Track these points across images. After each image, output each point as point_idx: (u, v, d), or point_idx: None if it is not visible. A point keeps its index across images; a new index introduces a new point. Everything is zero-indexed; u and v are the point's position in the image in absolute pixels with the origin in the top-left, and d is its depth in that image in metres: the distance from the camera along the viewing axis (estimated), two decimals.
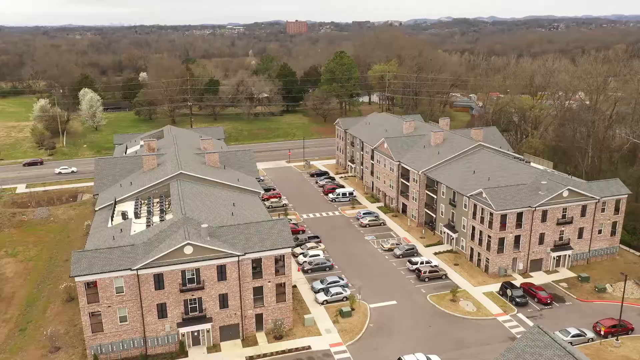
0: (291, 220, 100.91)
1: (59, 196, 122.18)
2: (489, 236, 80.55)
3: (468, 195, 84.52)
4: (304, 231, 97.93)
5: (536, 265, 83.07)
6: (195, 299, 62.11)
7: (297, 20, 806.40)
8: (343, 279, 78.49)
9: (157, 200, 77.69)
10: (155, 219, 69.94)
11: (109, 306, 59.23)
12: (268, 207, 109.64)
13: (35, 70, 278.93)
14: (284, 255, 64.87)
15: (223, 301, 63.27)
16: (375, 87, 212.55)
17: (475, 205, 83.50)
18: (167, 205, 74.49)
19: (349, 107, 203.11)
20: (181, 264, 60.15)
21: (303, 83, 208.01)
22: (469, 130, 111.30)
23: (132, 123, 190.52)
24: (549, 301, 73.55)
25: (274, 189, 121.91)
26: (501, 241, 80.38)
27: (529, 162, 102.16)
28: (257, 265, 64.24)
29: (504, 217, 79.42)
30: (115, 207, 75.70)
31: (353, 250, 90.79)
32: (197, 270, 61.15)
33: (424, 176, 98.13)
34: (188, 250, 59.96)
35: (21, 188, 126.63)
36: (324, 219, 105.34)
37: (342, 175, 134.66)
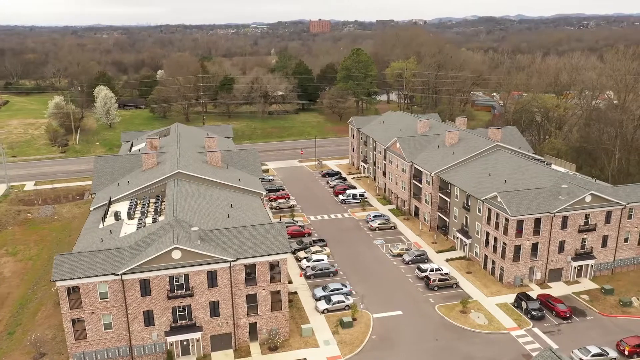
0: (297, 222, 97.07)
1: (65, 194, 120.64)
2: (504, 243, 75.25)
3: (482, 199, 79.30)
4: (309, 234, 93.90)
5: (555, 275, 77.42)
6: (184, 306, 58.63)
7: (320, 20, 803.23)
8: (346, 286, 74.19)
9: (154, 200, 74.57)
10: (148, 220, 66.76)
11: (93, 312, 56.15)
12: (275, 208, 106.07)
13: (57, 69, 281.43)
14: (279, 262, 60.88)
15: (214, 309, 59.65)
16: (393, 86, 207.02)
17: (489, 210, 78.25)
18: (162, 206, 71.24)
19: (365, 106, 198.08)
20: (169, 269, 56.72)
21: (319, 81, 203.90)
22: (486, 130, 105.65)
23: (146, 121, 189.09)
24: (568, 315, 68.00)
25: (282, 189, 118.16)
26: (517, 249, 75.02)
27: (550, 164, 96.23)
28: (251, 271, 60.47)
29: (520, 223, 74.03)
30: (109, 207, 72.87)
31: (360, 255, 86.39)
32: (186, 276, 57.65)
33: (437, 178, 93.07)
34: (176, 254, 56.50)
35: (30, 185, 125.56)
36: (332, 221, 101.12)
37: (355, 175, 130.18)
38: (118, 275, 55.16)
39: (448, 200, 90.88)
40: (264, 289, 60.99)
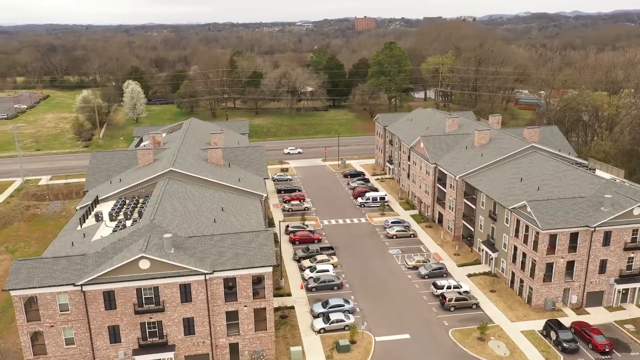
0: (307, 226, 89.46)
1: (78, 190, 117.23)
2: (534, 260, 65.08)
3: (510, 207, 69.25)
4: (319, 240, 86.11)
5: (595, 299, 66.58)
6: (154, 323, 52.09)
7: (365, 17, 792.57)
8: (349, 302, 65.96)
9: (142, 200, 68.66)
10: (129, 222, 60.74)
11: (52, 326, 50.44)
12: (287, 210, 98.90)
13: (98, 64, 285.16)
14: (264, 276, 53.44)
15: (188, 326, 52.85)
16: (429, 82, 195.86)
17: (518, 221, 68.17)
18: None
19: (399, 103, 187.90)
20: (136, 280, 50.27)
21: (352, 76, 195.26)
22: (522, 129, 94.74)
23: (173, 116, 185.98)
24: (607, 349, 57.44)
25: (299, 190, 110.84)
26: (549, 267, 64.74)
27: (594, 170, 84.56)
28: (232, 285, 53.34)
29: (553, 238, 63.75)
30: (94, 206, 67.52)
31: (371, 266, 77.91)
32: (156, 288, 51.07)
33: (462, 182, 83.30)
34: (144, 264, 49.99)
35: (45, 180, 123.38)
36: (346, 227, 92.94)
37: (379, 176, 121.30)
38: (78, 285, 49.12)
39: (474, 207, 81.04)
40: (245, 306, 53.72)
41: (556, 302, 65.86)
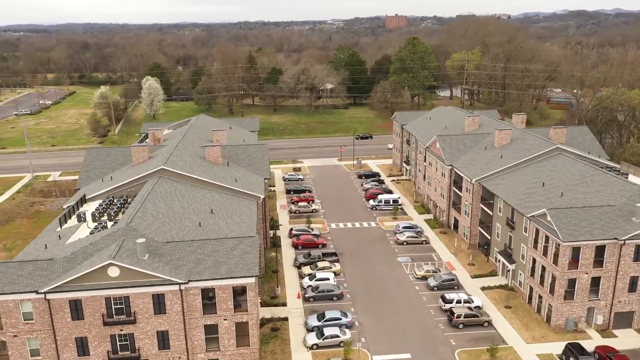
0: (312, 230, 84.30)
1: None
2: (554, 275, 58.33)
3: (528, 215, 62.55)
4: (324, 244, 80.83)
5: (623, 320, 59.37)
6: (125, 335, 47.82)
7: (397, 15, 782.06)
8: (347, 316, 60.50)
9: (131, 200, 64.74)
10: (110, 224, 56.76)
11: (16, 336, 46.67)
12: (294, 212, 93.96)
13: (124, 61, 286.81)
14: (245, 287, 48.57)
15: (163, 340, 48.40)
16: (454, 79, 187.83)
17: (537, 231, 61.44)
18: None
19: (422, 101, 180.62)
20: (105, 289, 46.06)
21: (374, 73, 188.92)
22: (548, 129, 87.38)
23: (191, 112, 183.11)
24: None
25: (309, 191, 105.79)
26: (571, 283, 57.92)
27: (626, 175, 76.67)
28: (212, 296, 48.67)
29: (575, 251, 56.93)
30: (79, 206, 63.96)
31: (377, 275, 72.23)
32: (126, 298, 46.77)
33: (479, 186, 76.73)
34: (113, 272, 45.74)
35: (55, 176, 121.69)
36: (355, 231, 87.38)
37: (395, 178, 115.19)
38: (41, 293, 45.19)
39: (491, 213, 74.41)
40: (226, 319, 48.96)
41: (579, 323, 58.94)
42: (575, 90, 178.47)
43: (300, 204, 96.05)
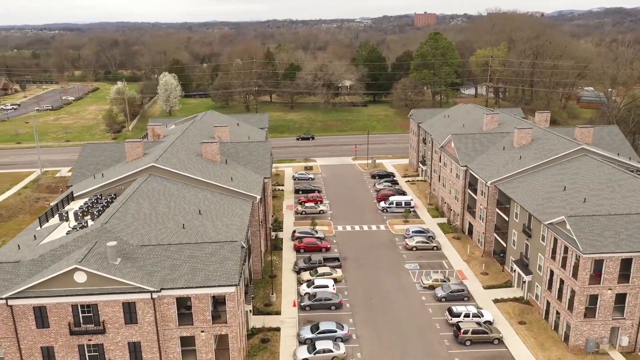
0: (316, 232, 79.79)
1: None
2: (573, 290, 52.44)
3: (546, 222, 56.70)
4: (327, 248, 76.22)
5: None
6: (94, 346, 44.22)
7: (425, 13, 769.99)
8: (343, 328, 55.79)
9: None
10: (92, 223, 53.41)
11: None
12: (300, 213, 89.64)
13: (147, 59, 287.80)
14: (224, 296, 44.40)
15: (135, 352, 44.66)
16: (478, 76, 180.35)
17: (555, 240, 55.57)
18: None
19: (445, 99, 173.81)
20: (71, 295, 42.52)
21: (395, 70, 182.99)
22: (573, 128, 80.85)
23: (207, 109, 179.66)
24: None
25: (318, 191, 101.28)
26: (592, 299, 51.99)
27: None
28: (189, 305, 44.67)
29: (598, 264, 50.97)
30: (65, 203, 60.97)
31: (381, 283, 67.26)
32: (95, 306, 43.14)
33: (495, 188, 70.93)
34: (80, 277, 42.19)
35: (64, 172, 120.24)
36: (362, 234, 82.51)
37: (410, 178, 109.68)
38: (3, 298, 41.91)
39: (507, 219, 68.57)
40: (203, 331, 44.87)
41: (600, 344, 52.88)
42: (609, 89, 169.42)
43: (307, 204, 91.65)
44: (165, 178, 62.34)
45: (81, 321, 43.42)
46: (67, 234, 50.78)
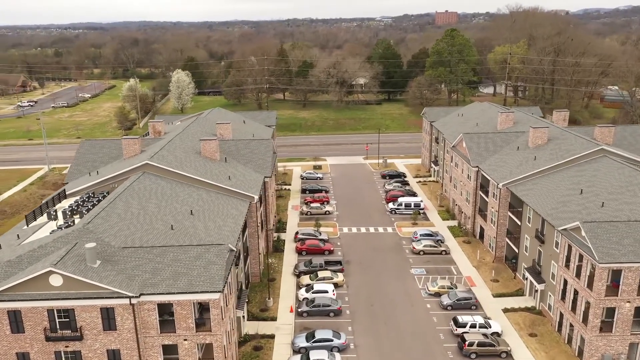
0: (319, 234, 76.83)
1: None
2: (588, 301, 48.56)
3: (560, 228, 52.81)
4: (330, 251, 73.19)
5: None
6: (71, 353, 41.95)
7: (447, 11, 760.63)
8: (340, 337, 52.74)
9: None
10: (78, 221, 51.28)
11: None
12: (305, 214, 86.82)
13: (164, 56, 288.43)
14: (208, 303, 41.71)
15: None
16: (497, 74, 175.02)
17: (569, 247, 51.68)
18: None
19: (461, 97, 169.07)
20: (46, 299, 40.29)
21: (411, 67, 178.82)
22: (593, 128, 76.41)
23: (219, 107, 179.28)
24: None
25: (325, 191, 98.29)
26: (609, 312, 48.05)
27: None
28: (171, 312, 42.10)
29: (616, 274, 47.03)
30: (56, 201, 59.04)
31: (384, 289, 64.00)
32: (72, 311, 40.85)
33: (507, 191, 67.06)
34: (55, 280, 39.92)
35: None
36: (368, 236, 79.28)
37: (422, 179, 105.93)
38: None
39: (519, 223, 64.67)
40: (186, 340, 42.26)
41: None
42: (633, 88, 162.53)
43: (312, 204, 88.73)
44: (159, 176, 60.01)
45: (58, 327, 41.16)
46: (51, 233, 48.68)
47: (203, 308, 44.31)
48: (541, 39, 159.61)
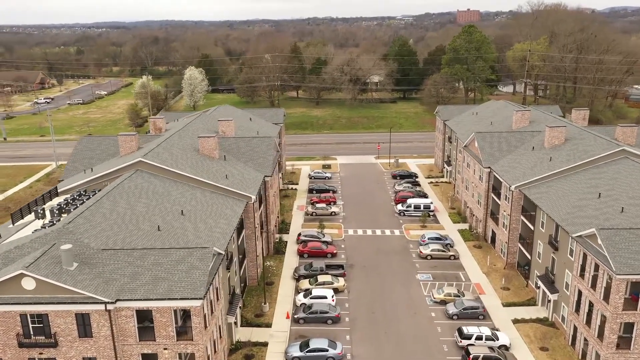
0: (323, 235, 73.86)
1: None
2: (604, 315, 44.71)
3: (575, 235, 48.95)
4: (334, 254, 70.19)
5: None
6: None
7: (469, 9, 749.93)
8: (336, 347, 49.73)
9: None
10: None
11: None
12: (310, 214, 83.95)
13: (181, 54, 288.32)
14: (189, 310, 39.12)
15: None
16: (515, 72, 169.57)
17: (584, 256, 47.81)
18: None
19: (479, 96, 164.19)
20: (19, 304, 38.14)
21: (428, 65, 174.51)
22: (614, 128, 72.00)
23: (232, 104, 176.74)
24: None
25: (333, 191, 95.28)
26: (627, 328, 44.15)
27: None
28: (151, 319, 39.64)
29: (635, 286, 43.14)
30: (46, 200, 57.20)
31: (388, 295, 60.77)
32: (45, 316, 38.65)
33: (520, 193, 63.22)
34: (28, 284, 37.75)
35: None
36: (374, 239, 76.04)
37: (434, 179, 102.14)
38: None
39: (532, 228, 60.80)
40: (166, 349, 39.74)
41: None
42: None
43: (318, 205, 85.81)
44: (152, 174, 57.72)
45: (31, 332, 39.03)
46: (33, 232, 46.65)
47: (187, 315, 41.73)
48: (563, 35, 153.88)
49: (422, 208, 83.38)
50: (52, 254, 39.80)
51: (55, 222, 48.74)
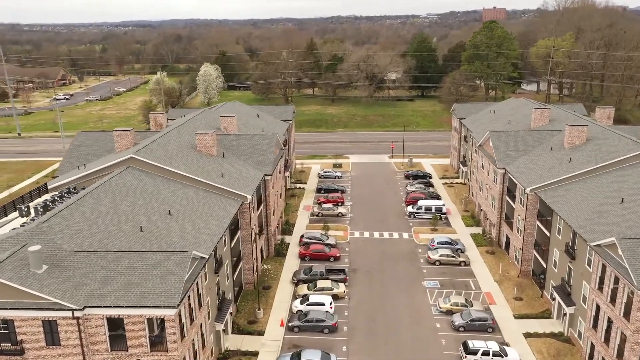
0: (327, 238, 70.43)
1: None
2: (624, 334, 40.28)
3: (593, 244, 44.52)
4: (337, 257, 66.72)
5: None
6: None
7: (495, 8, 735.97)
8: (329, 358, 46.26)
9: None
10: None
11: None
12: (316, 215, 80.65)
13: (200, 52, 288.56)
14: (163, 319, 36.17)
15: None
16: (539, 70, 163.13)
17: (603, 267, 43.39)
18: None
19: (500, 94, 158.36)
20: None
21: (447, 62, 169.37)
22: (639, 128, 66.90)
23: (247, 101, 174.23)
24: None
25: (342, 191, 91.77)
26: None
27: None
28: (123, 327, 36.81)
29: None
30: (34, 197, 55.12)
31: (391, 303, 57.05)
32: (11, 322, 36.16)
33: (535, 197, 58.76)
34: None
35: None
36: (381, 242, 72.32)
37: (449, 180, 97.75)
38: None
39: (548, 234, 56.35)
40: (139, 359, 36.88)
41: None
42: None
43: (324, 205, 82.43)
44: (144, 171, 55.11)
45: None
46: (10, 231, 44.33)
47: (164, 323, 38.82)
48: (590, 31, 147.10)
49: (433, 210, 79.28)
50: (21, 256, 37.31)
51: (36, 219, 46.42)
